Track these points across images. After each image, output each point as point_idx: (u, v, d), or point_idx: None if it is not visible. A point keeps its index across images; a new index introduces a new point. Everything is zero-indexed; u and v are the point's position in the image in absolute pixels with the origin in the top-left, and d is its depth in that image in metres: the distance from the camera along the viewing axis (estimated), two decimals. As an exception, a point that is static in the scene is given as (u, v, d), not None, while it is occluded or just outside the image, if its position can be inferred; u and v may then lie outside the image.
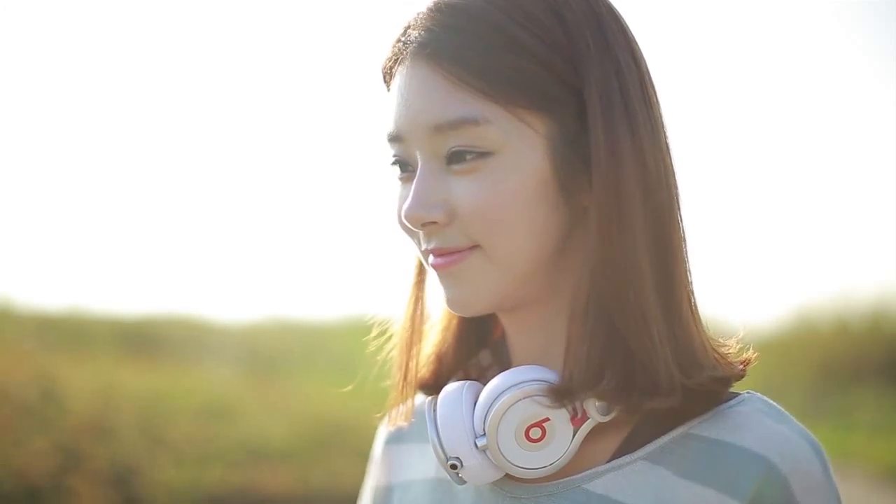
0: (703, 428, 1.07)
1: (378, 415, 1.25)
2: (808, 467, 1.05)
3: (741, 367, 1.10)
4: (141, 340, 10.68)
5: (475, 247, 1.06)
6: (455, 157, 1.06)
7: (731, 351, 1.11)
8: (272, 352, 11.61)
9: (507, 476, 1.11)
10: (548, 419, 1.06)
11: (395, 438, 1.26)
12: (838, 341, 12.90)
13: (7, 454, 5.39)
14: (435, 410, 1.11)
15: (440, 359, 1.19)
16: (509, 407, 1.06)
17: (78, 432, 5.84)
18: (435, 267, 1.08)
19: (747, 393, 1.10)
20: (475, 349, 1.20)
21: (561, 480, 1.09)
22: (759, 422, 1.06)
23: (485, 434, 1.07)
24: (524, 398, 1.06)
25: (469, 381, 1.12)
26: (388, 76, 1.11)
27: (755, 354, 1.11)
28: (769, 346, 14.18)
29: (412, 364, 1.18)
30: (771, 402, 1.10)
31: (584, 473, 1.09)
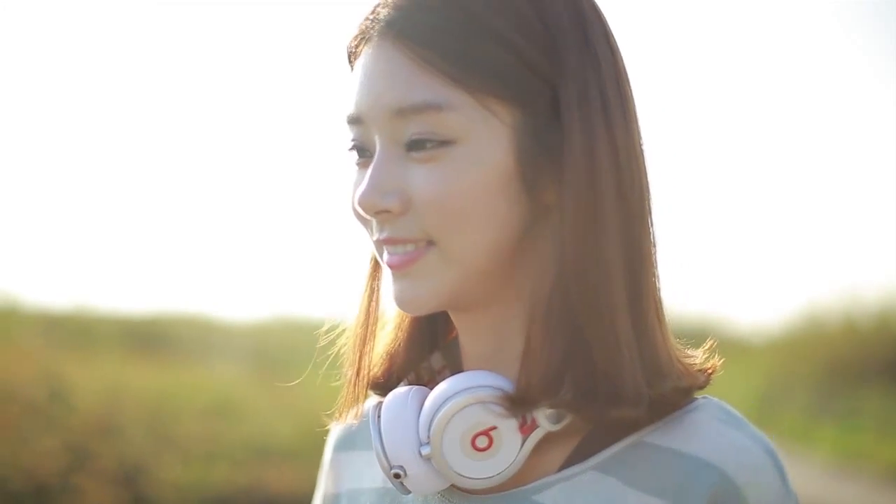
0: (655, 436, 1.03)
1: (328, 412, 1.19)
2: (765, 478, 1.00)
3: (705, 376, 1.06)
4: (148, 339, 10.70)
5: (429, 244, 1.02)
6: (415, 144, 1.01)
7: (696, 362, 1.07)
8: (279, 350, 11.61)
9: (454, 486, 1.07)
10: (495, 427, 1.02)
11: (345, 445, 1.21)
12: (845, 341, 12.88)
13: (14, 453, 5.40)
14: (379, 417, 1.06)
15: (392, 358, 1.14)
16: (454, 414, 1.02)
17: (85, 431, 5.85)
18: (390, 266, 1.04)
19: (703, 398, 1.05)
20: (427, 350, 1.15)
21: (509, 491, 1.05)
22: (713, 429, 1.02)
23: (429, 442, 1.03)
24: (470, 405, 1.01)
25: (416, 386, 1.08)
26: (353, 55, 1.07)
27: (720, 361, 1.07)
28: (776, 346, 14.16)
29: (365, 361, 1.13)
30: (728, 407, 1.05)
31: (533, 484, 1.04)
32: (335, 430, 1.23)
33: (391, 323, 1.15)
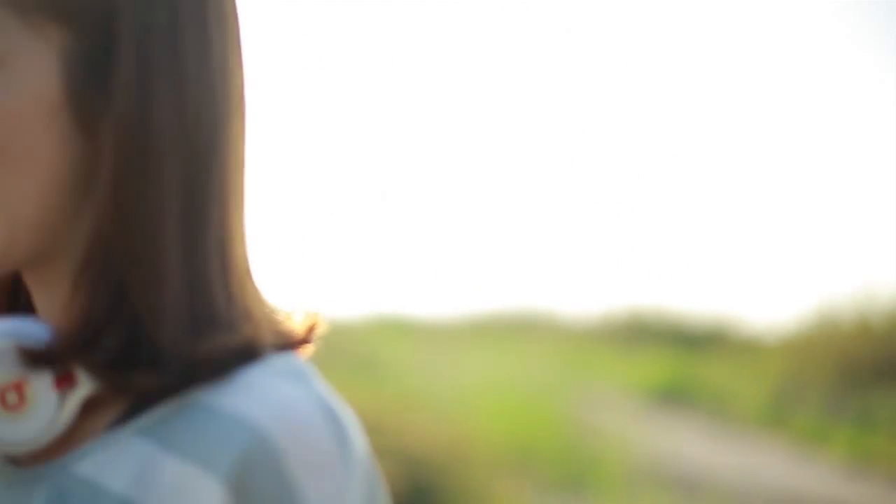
0: (206, 395, 0.89)
1: None
2: (313, 439, 0.86)
3: (282, 335, 0.94)
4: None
5: None
6: None
7: (282, 321, 0.95)
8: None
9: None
10: (25, 381, 0.89)
11: None
12: (860, 340, 12.85)
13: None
14: None
15: None
16: None
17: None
18: None
19: (275, 355, 0.92)
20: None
21: (54, 461, 0.92)
22: (263, 384, 0.88)
23: None
24: None
25: None
26: None
27: (319, 327, 0.96)
28: (789, 346, 14.13)
29: None
30: (297, 363, 0.91)
31: (76, 452, 0.91)
32: None
33: None
